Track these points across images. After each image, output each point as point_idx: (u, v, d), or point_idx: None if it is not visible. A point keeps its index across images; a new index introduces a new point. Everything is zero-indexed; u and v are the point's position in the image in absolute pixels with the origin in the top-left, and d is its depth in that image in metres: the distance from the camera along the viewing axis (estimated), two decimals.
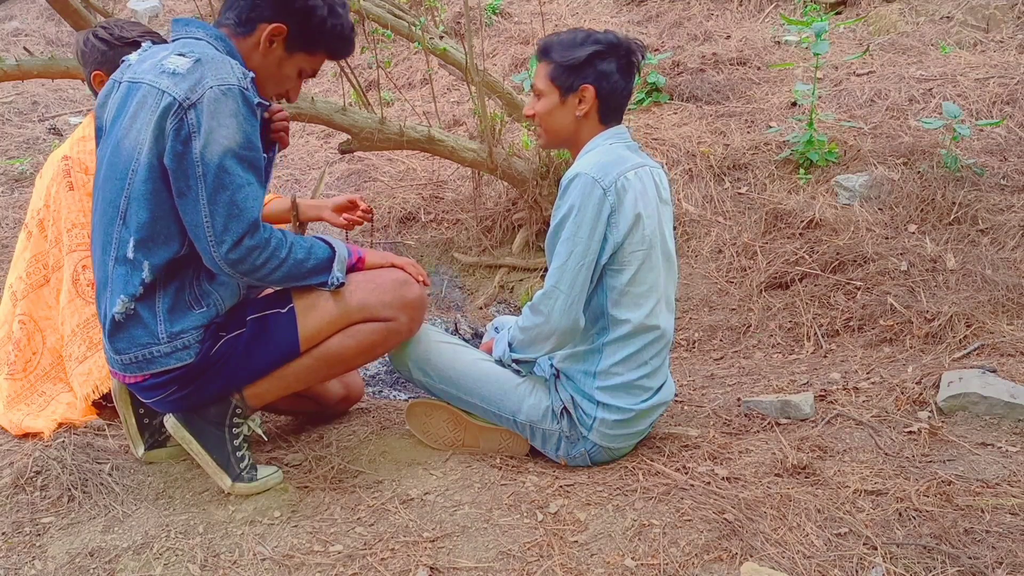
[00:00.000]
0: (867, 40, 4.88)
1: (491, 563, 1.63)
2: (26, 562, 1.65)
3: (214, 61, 1.65)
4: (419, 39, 3.39)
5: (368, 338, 1.87)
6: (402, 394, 2.68)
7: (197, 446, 1.83)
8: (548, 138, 2.06)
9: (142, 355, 1.73)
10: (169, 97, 1.62)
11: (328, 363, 1.88)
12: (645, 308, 1.93)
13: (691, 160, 3.73)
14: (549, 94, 1.97)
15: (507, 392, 2.03)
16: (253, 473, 1.88)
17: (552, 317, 1.88)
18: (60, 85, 6.08)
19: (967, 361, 2.37)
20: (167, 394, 1.79)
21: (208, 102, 1.61)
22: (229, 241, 1.64)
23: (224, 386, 1.84)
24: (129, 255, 1.69)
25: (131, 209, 1.68)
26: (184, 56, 1.66)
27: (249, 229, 1.65)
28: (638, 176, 1.91)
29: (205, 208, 1.63)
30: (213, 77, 1.62)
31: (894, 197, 3.23)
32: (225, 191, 1.62)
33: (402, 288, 1.89)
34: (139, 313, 1.71)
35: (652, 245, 1.93)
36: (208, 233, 1.64)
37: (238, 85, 1.64)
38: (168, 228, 1.69)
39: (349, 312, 1.84)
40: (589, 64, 1.92)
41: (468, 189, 4.01)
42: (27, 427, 2.08)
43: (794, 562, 1.57)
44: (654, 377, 1.99)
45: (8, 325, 2.27)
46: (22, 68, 2.56)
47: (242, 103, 1.64)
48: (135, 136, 1.66)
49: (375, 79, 5.22)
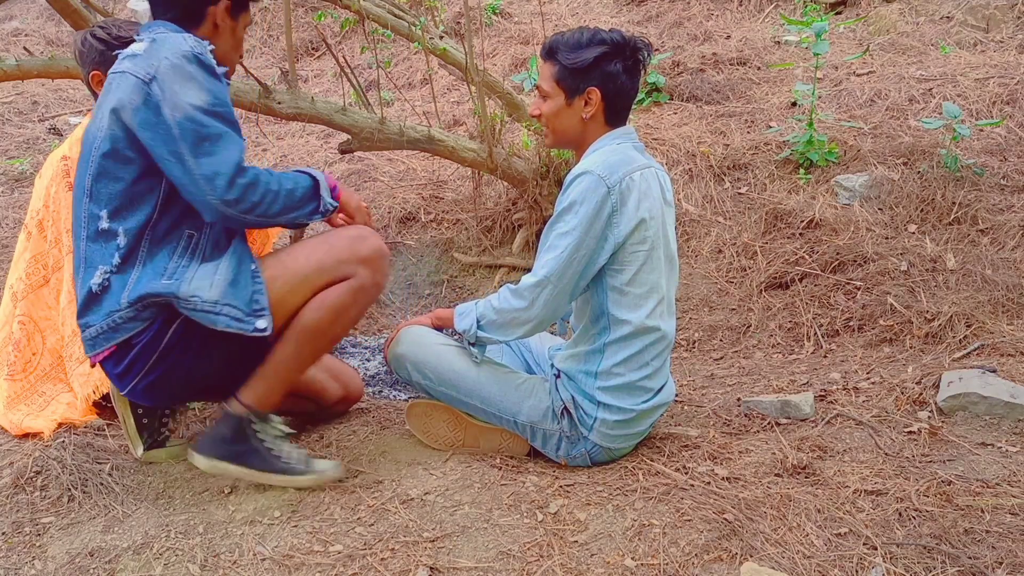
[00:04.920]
0: (867, 40, 4.88)
1: (491, 563, 1.63)
2: (26, 562, 1.65)
3: (168, 39, 1.73)
4: (419, 39, 3.39)
5: (336, 302, 1.82)
6: (402, 394, 2.68)
7: (240, 470, 1.85)
8: (554, 138, 2.06)
9: (107, 324, 1.75)
10: (132, 77, 1.70)
11: (309, 340, 1.84)
12: (646, 309, 1.93)
13: (691, 160, 3.73)
14: (555, 96, 1.97)
15: (507, 393, 2.02)
16: (312, 466, 1.90)
17: (536, 305, 1.88)
18: (60, 85, 6.07)
19: (967, 361, 2.37)
20: (138, 379, 1.79)
21: (165, 71, 1.68)
22: (222, 184, 1.68)
23: (193, 371, 1.83)
24: (103, 226, 1.75)
25: (98, 184, 1.75)
26: (142, 41, 1.76)
27: (237, 170, 1.70)
28: (643, 177, 1.91)
29: (191, 162, 1.68)
30: (168, 50, 1.71)
31: (894, 197, 3.23)
32: (204, 142, 1.68)
33: (356, 243, 1.85)
34: (112, 285, 1.75)
35: (654, 246, 1.92)
36: (202, 185, 1.68)
37: (191, 51, 1.71)
38: (138, 193, 1.75)
39: (308, 276, 1.82)
40: (595, 67, 1.91)
41: (468, 189, 4.01)
42: (27, 427, 2.08)
43: (794, 562, 1.57)
44: (655, 378, 1.99)
45: (8, 326, 2.27)
46: (22, 68, 2.56)
47: (197, 65, 1.71)
48: (99, 120, 1.75)
49: (375, 79, 5.21)
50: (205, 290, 1.72)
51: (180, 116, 1.67)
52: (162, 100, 1.67)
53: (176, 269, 1.75)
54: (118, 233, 1.75)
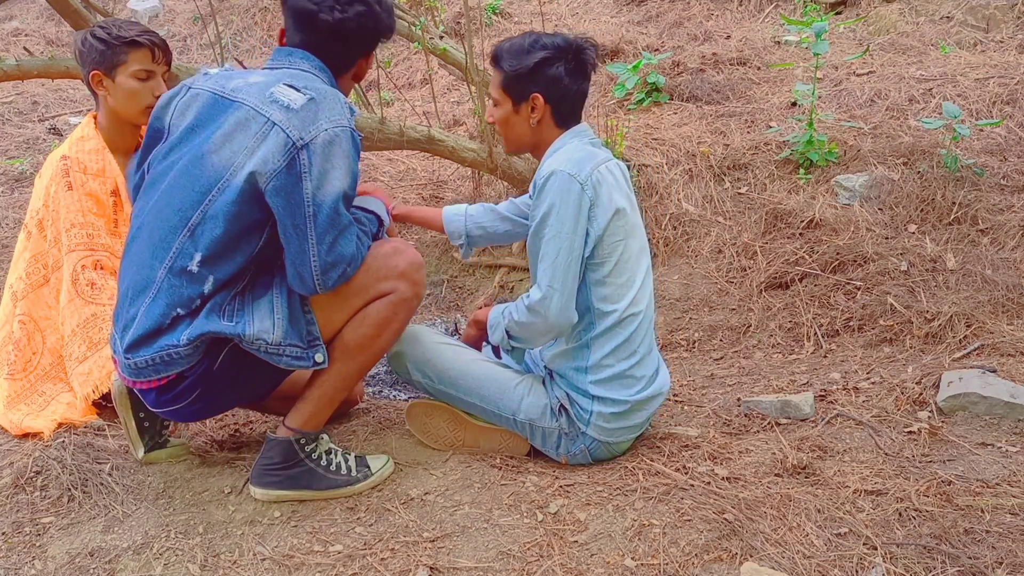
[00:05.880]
0: (867, 40, 4.88)
1: (491, 563, 1.63)
2: (26, 562, 1.65)
3: (327, 99, 1.69)
4: (419, 39, 3.39)
5: (378, 316, 1.81)
6: (402, 394, 2.68)
7: (300, 493, 1.85)
8: (510, 145, 2.09)
9: (160, 357, 1.69)
10: (282, 133, 1.64)
11: (354, 357, 1.83)
12: (628, 298, 1.95)
13: (691, 160, 3.73)
14: (503, 103, 2.00)
15: (506, 391, 2.03)
16: (367, 471, 1.91)
17: (550, 316, 1.89)
18: (60, 85, 6.07)
19: (967, 361, 2.37)
20: (182, 404, 1.77)
21: (322, 144, 1.64)
22: (334, 276, 1.70)
23: (237, 393, 1.84)
24: (192, 268, 1.68)
25: (206, 225, 1.67)
26: (298, 91, 1.69)
27: (349, 263, 1.71)
28: (608, 169, 1.95)
29: (313, 247, 1.66)
30: (327, 119, 1.66)
31: (894, 197, 3.23)
32: (334, 230, 1.67)
33: (392, 259, 1.83)
34: (179, 325, 1.69)
35: (628, 235, 1.95)
36: (314, 270, 1.68)
37: (349, 127, 1.68)
38: (237, 248, 1.70)
39: (348, 299, 1.80)
40: (537, 72, 1.93)
41: (468, 189, 4.01)
42: (27, 427, 2.08)
43: (794, 562, 1.57)
44: (644, 365, 2.00)
45: (8, 325, 2.27)
46: (22, 68, 2.56)
47: (351, 145, 1.69)
48: (229, 156, 1.67)
49: (375, 79, 5.22)
50: (269, 333, 1.69)
51: (320, 197, 1.64)
52: (307, 173, 1.63)
53: (236, 310, 1.71)
54: (207, 280, 1.69)
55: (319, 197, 1.64)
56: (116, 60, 2.18)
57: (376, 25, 1.82)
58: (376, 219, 1.92)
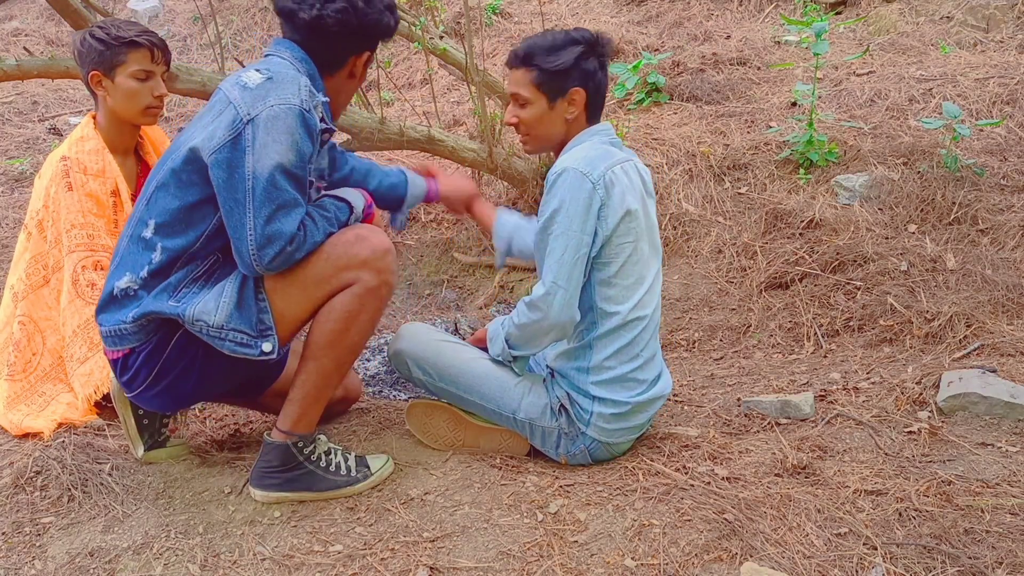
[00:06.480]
0: (867, 40, 4.88)
1: (491, 563, 1.63)
2: (26, 562, 1.65)
3: (284, 81, 1.70)
4: (419, 39, 3.39)
5: (344, 310, 1.77)
6: (402, 394, 2.68)
7: (299, 495, 1.85)
8: (536, 144, 2.07)
9: (112, 331, 1.78)
10: (233, 109, 1.68)
11: (327, 354, 1.79)
12: (633, 300, 1.95)
13: (691, 160, 3.72)
14: (535, 101, 1.97)
15: (507, 390, 2.03)
16: (366, 471, 1.91)
17: (551, 313, 1.88)
18: (60, 85, 6.07)
19: (967, 361, 2.37)
20: (143, 387, 1.81)
21: (265, 119, 1.66)
22: (271, 253, 1.68)
23: (199, 382, 1.83)
24: (146, 235, 1.76)
25: (159, 193, 1.76)
26: (259, 72, 1.73)
27: (289, 241, 1.69)
28: (624, 170, 1.94)
29: (251, 220, 1.66)
30: (277, 97, 1.68)
31: (894, 197, 3.23)
32: (270, 204, 1.66)
33: (354, 247, 1.77)
34: (134, 295, 1.76)
35: (639, 238, 1.94)
36: (251, 245, 1.68)
37: (299, 106, 1.68)
38: (189, 220, 1.74)
39: (307, 289, 1.76)
40: (576, 67, 1.94)
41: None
42: (27, 427, 2.08)
43: (794, 562, 1.57)
44: (647, 369, 1.99)
45: (8, 326, 2.27)
46: (22, 68, 2.56)
47: (298, 123, 1.68)
48: (190, 132, 1.75)
49: (375, 79, 5.22)
50: (211, 314, 1.70)
51: (260, 170, 1.65)
52: (250, 147, 1.65)
53: (187, 292, 1.75)
54: (156, 248, 1.75)
55: (258, 169, 1.65)
56: (115, 60, 2.18)
57: (360, 21, 1.80)
58: (347, 207, 1.86)
